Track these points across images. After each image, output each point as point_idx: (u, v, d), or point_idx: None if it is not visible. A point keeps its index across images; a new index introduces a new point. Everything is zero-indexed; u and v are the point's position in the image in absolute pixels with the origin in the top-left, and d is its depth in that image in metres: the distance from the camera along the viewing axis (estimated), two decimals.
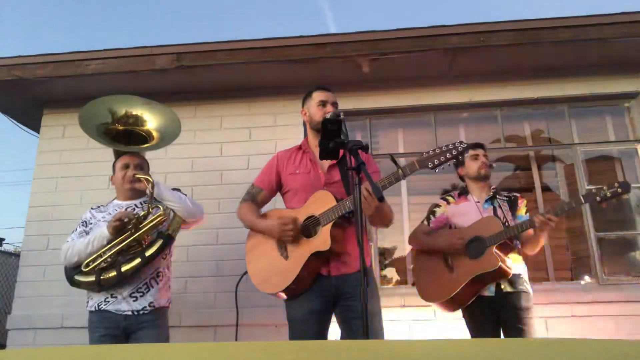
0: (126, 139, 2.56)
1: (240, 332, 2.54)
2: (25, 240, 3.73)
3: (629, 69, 3.65)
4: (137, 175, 2.39)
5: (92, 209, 2.50)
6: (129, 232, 2.28)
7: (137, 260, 2.24)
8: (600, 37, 3.34)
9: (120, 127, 2.57)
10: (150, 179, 2.34)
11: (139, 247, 2.30)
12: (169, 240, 2.34)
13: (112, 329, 2.26)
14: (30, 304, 3.51)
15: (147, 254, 2.26)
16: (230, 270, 3.31)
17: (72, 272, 2.31)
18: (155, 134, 2.59)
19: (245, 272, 2.22)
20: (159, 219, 2.30)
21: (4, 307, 6.22)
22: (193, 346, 0.86)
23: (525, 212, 2.65)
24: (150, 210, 2.32)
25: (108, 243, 2.28)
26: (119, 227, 2.26)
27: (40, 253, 3.61)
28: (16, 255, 6.86)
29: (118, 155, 2.52)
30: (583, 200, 2.35)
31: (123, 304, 2.26)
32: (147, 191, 2.34)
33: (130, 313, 2.26)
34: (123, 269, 2.23)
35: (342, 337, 2.09)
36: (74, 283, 2.31)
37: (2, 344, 4.31)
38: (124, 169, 2.44)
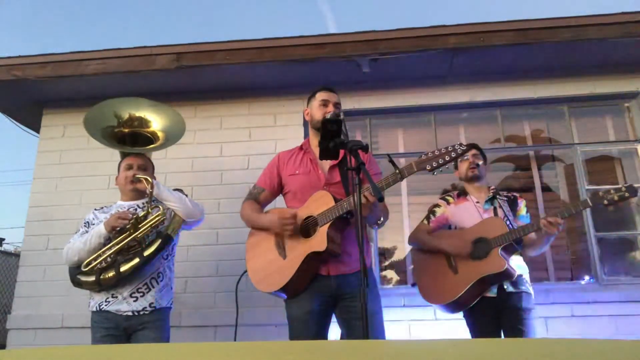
0: (132, 140, 2.58)
1: (240, 332, 2.54)
2: (25, 240, 3.73)
3: (629, 69, 3.66)
4: (137, 175, 2.40)
5: (95, 209, 2.51)
6: (128, 232, 2.28)
7: (136, 260, 2.25)
8: (600, 37, 3.34)
9: (126, 130, 2.58)
10: (150, 179, 2.34)
11: (138, 247, 2.30)
12: (168, 240, 2.34)
13: (113, 329, 2.26)
14: (30, 304, 3.51)
15: (146, 253, 2.27)
16: (230, 270, 3.32)
17: (74, 272, 2.32)
18: (160, 134, 2.61)
19: (245, 272, 2.22)
20: (157, 218, 2.30)
21: (4, 307, 6.22)
22: (193, 346, 0.86)
23: (526, 212, 2.64)
24: (150, 210, 2.33)
25: (105, 240, 2.28)
26: (117, 226, 2.26)
27: (40, 253, 3.61)
28: (16, 255, 6.86)
29: (124, 156, 2.54)
30: (590, 203, 2.34)
31: (123, 304, 2.27)
32: (147, 191, 2.35)
33: (130, 313, 2.26)
34: (122, 268, 2.23)
35: (342, 337, 2.09)
36: (76, 283, 2.32)
37: (2, 344, 4.31)
38: (127, 170, 2.45)
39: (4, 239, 8.15)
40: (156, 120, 2.61)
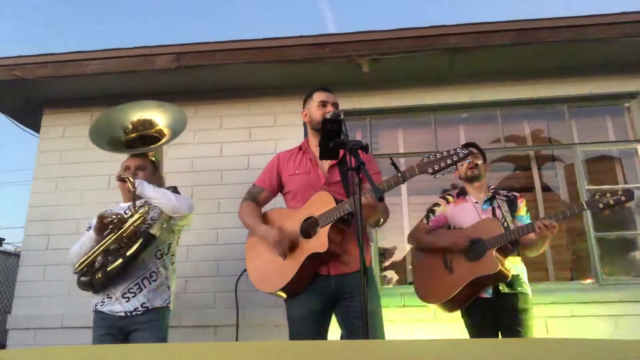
0: (141, 142, 2.61)
1: (240, 332, 2.54)
2: (25, 240, 3.73)
3: (629, 69, 3.65)
4: (122, 176, 2.40)
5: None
6: (113, 233, 2.30)
7: (120, 261, 2.27)
8: (600, 37, 3.34)
9: (133, 135, 2.62)
10: (132, 179, 2.34)
11: (125, 247, 2.31)
12: (150, 238, 2.33)
13: (110, 328, 2.29)
14: (30, 304, 3.51)
15: (128, 253, 2.28)
16: (230, 270, 3.31)
17: (78, 274, 2.36)
18: (166, 130, 2.63)
19: (245, 270, 2.22)
20: (138, 218, 2.30)
21: (4, 307, 6.22)
22: (193, 346, 0.86)
23: (526, 212, 2.64)
24: (135, 209, 2.33)
25: (97, 244, 2.31)
26: (101, 227, 2.29)
27: (40, 253, 3.61)
28: (16, 255, 6.86)
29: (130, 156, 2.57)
30: (585, 207, 2.33)
31: (116, 304, 2.29)
32: (130, 191, 2.35)
33: (123, 314, 2.28)
34: (108, 269, 2.27)
35: (342, 337, 2.09)
36: (80, 285, 2.35)
37: (2, 344, 4.31)
38: (122, 172, 2.46)
39: (4, 239, 8.15)
40: (159, 118, 2.64)
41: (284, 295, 2.11)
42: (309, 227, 2.07)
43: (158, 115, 2.63)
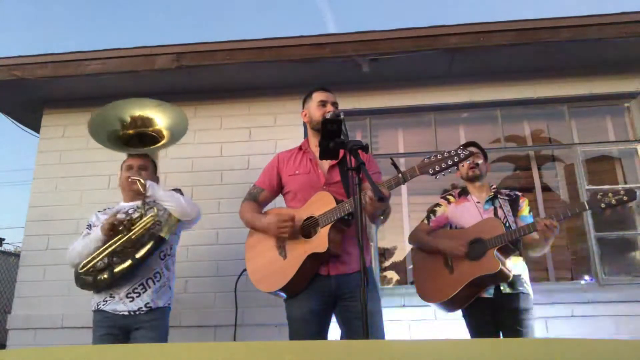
0: (139, 140, 2.60)
1: (240, 332, 2.55)
2: (25, 240, 3.73)
3: (629, 69, 3.65)
4: (131, 178, 2.40)
5: (98, 211, 2.53)
6: (122, 234, 2.30)
7: (128, 262, 2.27)
8: (600, 37, 3.34)
9: (131, 132, 2.60)
10: (142, 181, 2.34)
11: (132, 248, 2.31)
12: (160, 241, 2.34)
13: (111, 328, 2.29)
14: (30, 304, 3.51)
15: (138, 256, 2.28)
16: (230, 270, 3.31)
17: (78, 273, 2.35)
18: (165, 132, 2.62)
19: (244, 270, 2.23)
20: (149, 220, 2.31)
21: (4, 307, 6.22)
22: (193, 346, 0.86)
23: (529, 212, 2.63)
24: (144, 211, 2.33)
25: (103, 244, 2.30)
26: (111, 229, 2.28)
27: (40, 253, 3.61)
28: (16, 255, 6.86)
29: (129, 156, 2.56)
30: (587, 207, 2.32)
31: (120, 304, 2.29)
32: (140, 192, 2.35)
33: (127, 313, 2.28)
34: (115, 270, 2.27)
35: (342, 337, 2.09)
36: (80, 284, 2.35)
37: (2, 344, 4.31)
38: (127, 171, 2.46)
39: (4, 239, 8.15)
40: (161, 119, 2.63)
41: (284, 295, 2.11)
42: (309, 227, 2.07)
43: (157, 115, 2.63)
